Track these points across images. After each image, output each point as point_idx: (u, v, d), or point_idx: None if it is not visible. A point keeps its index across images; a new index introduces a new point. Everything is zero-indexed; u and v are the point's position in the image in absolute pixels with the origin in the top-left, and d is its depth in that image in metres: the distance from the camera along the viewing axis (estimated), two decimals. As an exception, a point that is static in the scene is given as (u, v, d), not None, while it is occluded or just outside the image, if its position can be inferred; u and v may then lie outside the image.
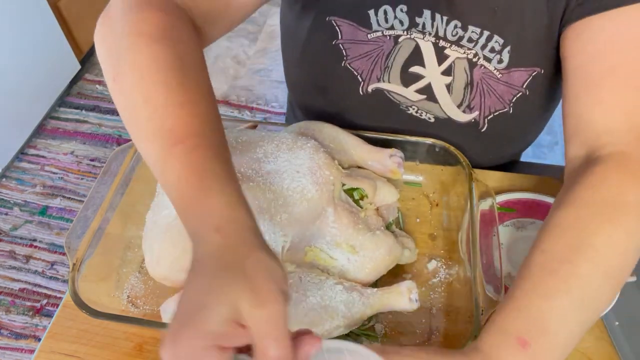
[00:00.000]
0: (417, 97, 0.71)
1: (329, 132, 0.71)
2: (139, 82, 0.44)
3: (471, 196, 0.65)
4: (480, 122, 0.71)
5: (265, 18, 2.43)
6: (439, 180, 0.74)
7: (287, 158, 0.63)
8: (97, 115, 2.09)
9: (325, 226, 0.62)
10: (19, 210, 1.79)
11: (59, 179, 1.88)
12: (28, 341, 1.51)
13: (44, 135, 2.02)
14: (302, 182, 0.61)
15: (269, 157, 0.63)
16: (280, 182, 0.61)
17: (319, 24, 0.69)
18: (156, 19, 0.47)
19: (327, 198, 0.62)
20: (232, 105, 2.14)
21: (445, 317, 0.62)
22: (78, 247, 0.60)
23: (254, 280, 0.34)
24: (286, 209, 0.59)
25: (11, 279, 1.63)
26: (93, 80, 2.24)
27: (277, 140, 0.65)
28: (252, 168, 0.62)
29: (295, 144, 0.65)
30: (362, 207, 0.67)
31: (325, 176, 0.63)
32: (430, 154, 0.72)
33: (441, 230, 0.71)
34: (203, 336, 0.33)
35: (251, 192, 0.58)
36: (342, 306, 0.56)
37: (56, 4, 1.99)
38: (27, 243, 1.71)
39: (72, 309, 0.63)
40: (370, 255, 0.62)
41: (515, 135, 0.76)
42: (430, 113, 0.73)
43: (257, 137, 0.67)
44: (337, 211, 0.63)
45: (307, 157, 0.63)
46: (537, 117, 0.75)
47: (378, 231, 0.64)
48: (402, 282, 0.59)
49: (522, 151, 0.89)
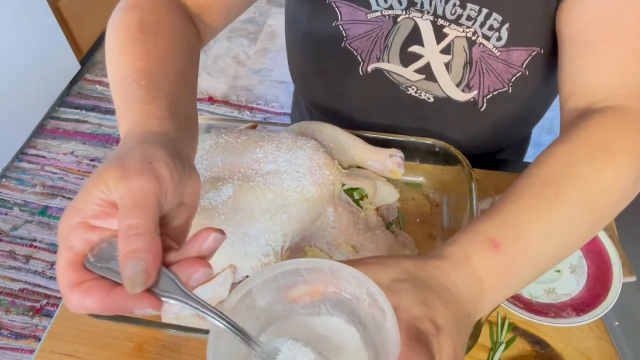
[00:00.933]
0: (417, 77, 0.72)
1: (328, 132, 0.71)
2: (110, 41, 0.52)
3: (471, 196, 0.65)
4: (479, 102, 0.72)
5: (265, 18, 2.43)
6: (439, 180, 0.74)
7: (287, 158, 0.63)
8: (97, 115, 2.09)
9: (326, 226, 0.62)
10: (19, 210, 1.79)
11: (59, 179, 1.88)
12: (28, 341, 1.51)
13: (44, 135, 2.02)
14: (302, 182, 0.61)
15: (268, 157, 0.63)
16: (280, 182, 0.61)
17: (319, 7, 0.70)
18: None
19: (327, 198, 0.62)
20: (232, 105, 2.14)
21: (445, 317, 0.62)
22: (78, 247, 0.60)
23: (126, 159, 0.36)
24: (286, 209, 0.59)
25: (11, 279, 1.63)
26: (93, 80, 2.24)
27: (277, 140, 0.65)
28: (252, 168, 0.62)
29: (295, 144, 0.65)
30: (362, 207, 0.67)
31: (325, 176, 0.63)
32: (430, 154, 0.72)
33: (441, 230, 0.71)
34: (72, 214, 0.35)
35: (251, 192, 0.58)
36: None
37: (56, 4, 1.99)
38: (27, 243, 1.71)
39: (72, 309, 0.63)
40: (372, 253, 0.62)
41: (514, 116, 0.76)
42: (430, 93, 0.73)
43: (257, 136, 0.67)
44: (337, 211, 0.63)
45: (307, 157, 0.63)
46: (536, 98, 0.75)
47: (378, 231, 0.64)
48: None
49: (522, 135, 0.89)
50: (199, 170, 0.59)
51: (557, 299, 0.65)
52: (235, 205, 0.58)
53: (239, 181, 0.60)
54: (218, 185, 0.59)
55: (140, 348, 0.62)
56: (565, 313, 0.63)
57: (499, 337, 0.62)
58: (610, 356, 0.60)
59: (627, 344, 0.60)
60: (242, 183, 0.59)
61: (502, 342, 0.61)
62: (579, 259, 0.69)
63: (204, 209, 0.57)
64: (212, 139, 0.65)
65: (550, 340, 0.62)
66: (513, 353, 0.61)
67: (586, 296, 0.65)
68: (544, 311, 0.63)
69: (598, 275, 0.66)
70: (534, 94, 0.73)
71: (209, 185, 0.60)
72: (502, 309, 0.63)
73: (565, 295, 0.66)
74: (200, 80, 2.28)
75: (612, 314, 0.63)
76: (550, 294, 0.66)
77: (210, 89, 2.23)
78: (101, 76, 2.27)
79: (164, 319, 0.59)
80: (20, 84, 1.88)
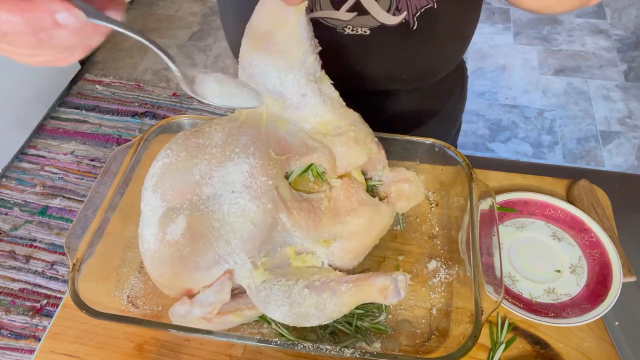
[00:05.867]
0: (349, 16, 0.75)
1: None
2: None
3: (471, 196, 0.65)
4: (410, 21, 0.74)
5: (265, 18, 2.43)
6: (439, 180, 0.74)
7: (220, 177, 0.57)
8: (97, 115, 2.09)
9: (288, 231, 0.58)
10: (19, 210, 1.79)
11: (59, 179, 1.88)
12: (28, 341, 1.51)
13: (44, 135, 2.02)
14: (240, 202, 0.56)
15: (204, 178, 0.58)
16: (219, 208, 0.56)
17: None
18: None
19: (273, 207, 0.57)
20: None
21: (445, 317, 0.62)
22: (78, 247, 0.60)
23: None
24: (235, 235, 0.55)
25: (11, 279, 1.63)
26: (93, 80, 2.24)
27: (207, 154, 0.59)
28: (195, 194, 0.57)
29: (223, 154, 0.59)
30: (325, 180, 0.62)
31: (262, 184, 0.57)
32: (430, 154, 0.72)
33: (441, 230, 0.71)
34: None
35: (201, 223, 0.55)
36: (313, 309, 0.54)
37: (56, 4, 1.99)
38: (27, 243, 1.71)
39: (72, 309, 0.63)
40: (348, 240, 0.60)
41: (444, 34, 0.79)
42: (365, 26, 0.76)
43: (192, 147, 0.60)
44: (292, 215, 0.58)
45: (238, 170, 0.57)
46: (460, 16, 0.79)
47: (355, 203, 0.60)
48: (377, 277, 0.55)
49: (456, 59, 0.91)
50: (156, 200, 0.57)
51: (557, 299, 0.65)
52: (192, 236, 0.55)
53: (188, 211, 0.56)
54: (173, 218, 0.56)
55: (140, 348, 0.62)
56: (565, 313, 0.63)
57: (499, 337, 0.62)
58: (610, 356, 0.60)
59: (627, 344, 0.60)
60: (190, 213, 0.56)
61: (502, 342, 0.61)
62: (579, 259, 0.69)
63: (170, 244, 0.55)
64: (161, 159, 0.60)
65: (550, 340, 0.62)
66: (513, 353, 0.61)
67: (586, 296, 0.65)
68: (544, 311, 0.63)
69: (598, 275, 0.66)
70: (459, 8, 0.77)
71: (168, 218, 0.56)
72: (502, 309, 0.63)
73: (565, 295, 0.66)
74: (200, 80, 2.27)
75: (612, 314, 0.63)
76: (550, 294, 0.66)
77: (210, 89, 2.22)
78: (101, 76, 2.27)
79: (173, 322, 0.58)
80: (20, 84, 1.88)
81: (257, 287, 0.55)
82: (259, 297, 0.55)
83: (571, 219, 0.72)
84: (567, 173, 0.79)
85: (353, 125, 0.63)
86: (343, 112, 0.64)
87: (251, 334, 0.61)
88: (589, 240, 0.70)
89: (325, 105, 0.62)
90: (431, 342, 0.60)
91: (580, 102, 2.17)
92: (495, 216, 0.63)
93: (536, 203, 0.74)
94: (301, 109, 0.62)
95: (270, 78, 0.60)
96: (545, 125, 2.10)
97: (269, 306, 0.55)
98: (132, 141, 0.71)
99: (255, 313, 0.58)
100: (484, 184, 0.66)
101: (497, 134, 2.07)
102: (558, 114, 2.14)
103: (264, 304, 0.55)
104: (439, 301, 0.64)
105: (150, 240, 0.57)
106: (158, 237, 0.56)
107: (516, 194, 0.74)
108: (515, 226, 0.73)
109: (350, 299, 0.54)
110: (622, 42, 2.40)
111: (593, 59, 2.34)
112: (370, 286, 0.54)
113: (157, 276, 0.58)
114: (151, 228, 0.57)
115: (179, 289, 0.58)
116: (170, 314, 0.57)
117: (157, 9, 2.66)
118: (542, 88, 2.23)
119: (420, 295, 0.65)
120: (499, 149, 2.03)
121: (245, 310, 0.58)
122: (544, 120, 2.11)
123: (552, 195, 0.74)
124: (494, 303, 0.55)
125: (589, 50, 2.38)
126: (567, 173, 0.79)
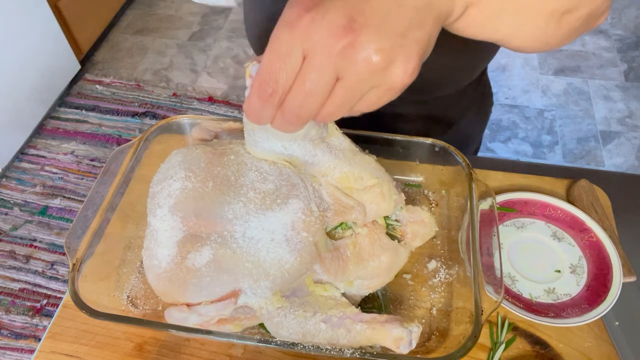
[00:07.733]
0: None
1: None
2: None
3: (471, 196, 0.65)
4: None
5: (265, 18, 2.43)
6: (439, 180, 0.74)
7: (259, 223, 0.56)
8: (97, 115, 2.09)
9: (315, 274, 0.59)
10: (19, 210, 1.79)
11: (59, 179, 1.88)
12: (28, 341, 1.51)
13: (44, 135, 2.02)
14: (279, 252, 0.55)
15: (239, 219, 0.56)
16: (256, 252, 0.55)
17: None
18: None
19: (310, 260, 0.57)
20: (233, 105, 2.14)
21: (445, 317, 0.62)
22: (78, 247, 0.60)
23: None
24: (267, 278, 0.55)
25: (11, 279, 1.63)
26: (93, 80, 2.24)
27: (243, 197, 0.57)
28: (227, 229, 0.56)
29: (263, 203, 0.57)
30: (352, 228, 0.64)
31: (304, 240, 0.56)
32: (430, 154, 0.72)
33: (441, 230, 0.71)
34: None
35: (230, 260, 0.55)
36: (325, 342, 0.55)
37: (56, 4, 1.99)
38: (27, 243, 1.71)
39: (72, 309, 0.64)
40: (369, 280, 0.62)
41: (444, 41, 0.76)
42: None
43: (223, 182, 0.58)
44: (324, 264, 0.59)
45: (279, 222, 0.56)
46: None
47: (379, 249, 0.62)
48: (393, 327, 0.56)
49: (469, 68, 0.86)
50: (175, 222, 0.56)
51: (557, 299, 0.65)
52: (217, 268, 0.54)
53: (217, 244, 0.55)
54: (197, 247, 0.55)
55: (140, 348, 0.62)
56: (565, 313, 0.63)
57: (499, 337, 0.62)
58: (610, 356, 0.60)
59: (627, 344, 0.60)
60: (220, 248, 0.55)
61: (502, 342, 0.61)
62: (579, 259, 0.69)
63: (189, 270, 0.54)
64: (181, 181, 0.58)
65: (550, 340, 0.62)
66: (513, 353, 0.61)
67: (586, 296, 0.65)
68: (544, 311, 0.63)
69: (598, 275, 0.66)
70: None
71: (190, 244, 0.55)
72: (502, 309, 0.63)
73: (565, 295, 0.66)
74: (201, 80, 2.28)
75: (612, 314, 0.63)
76: (550, 294, 0.66)
77: (211, 89, 2.23)
78: (101, 76, 2.27)
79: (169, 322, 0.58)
80: (20, 84, 1.88)
81: (271, 313, 0.56)
82: (272, 321, 0.56)
83: (571, 219, 0.72)
84: (567, 173, 0.79)
85: (375, 177, 0.62)
86: (359, 159, 0.63)
87: (251, 334, 0.61)
88: (589, 240, 0.70)
89: (339, 158, 0.61)
90: (431, 342, 0.60)
91: (580, 102, 2.17)
92: (495, 216, 0.63)
93: (536, 203, 0.74)
94: (316, 165, 0.61)
95: (275, 146, 0.59)
96: (545, 125, 2.10)
97: (280, 331, 0.55)
98: (132, 141, 0.71)
99: (254, 323, 0.58)
100: (484, 184, 0.66)
101: (497, 134, 2.07)
102: (558, 113, 2.14)
103: (276, 329, 0.56)
104: (439, 301, 0.64)
105: (163, 259, 0.56)
106: (175, 260, 0.55)
107: (516, 194, 0.74)
108: (515, 226, 0.73)
109: (363, 339, 0.56)
110: (622, 42, 2.40)
111: (593, 59, 2.34)
112: (386, 333, 0.55)
113: (160, 291, 0.57)
114: (167, 249, 0.56)
115: (179, 302, 0.58)
116: (166, 316, 0.57)
117: (157, 9, 2.66)
118: (542, 88, 2.23)
119: (420, 295, 0.65)
120: (499, 149, 2.03)
121: (244, 321, 0.58)
122: (544, 120, 2.11)
123: (552, 195, 0.74)
124: (494, 303, 0.55)
125: (589, 50, 2.38)
126: (567, 173, 0.79)
